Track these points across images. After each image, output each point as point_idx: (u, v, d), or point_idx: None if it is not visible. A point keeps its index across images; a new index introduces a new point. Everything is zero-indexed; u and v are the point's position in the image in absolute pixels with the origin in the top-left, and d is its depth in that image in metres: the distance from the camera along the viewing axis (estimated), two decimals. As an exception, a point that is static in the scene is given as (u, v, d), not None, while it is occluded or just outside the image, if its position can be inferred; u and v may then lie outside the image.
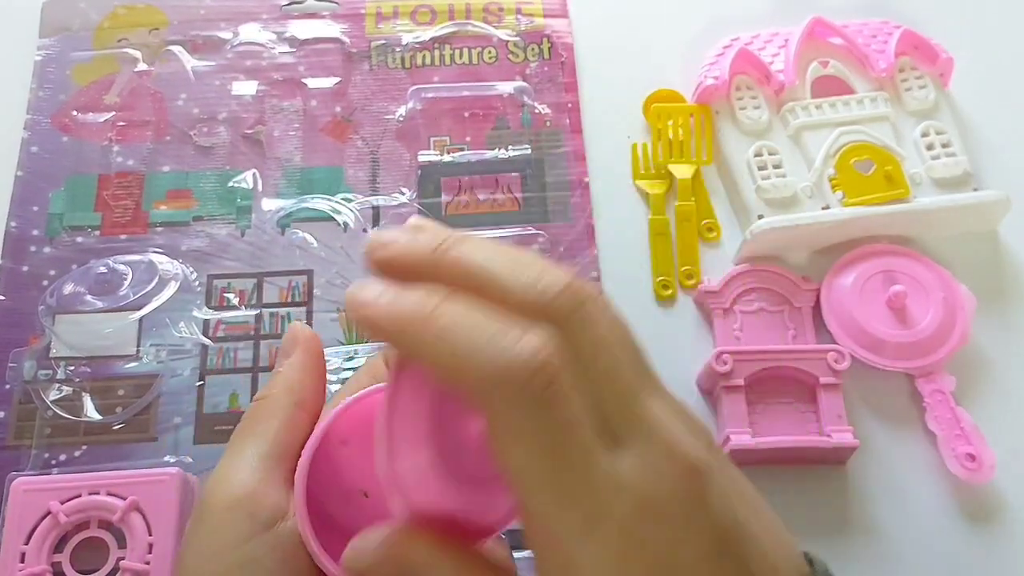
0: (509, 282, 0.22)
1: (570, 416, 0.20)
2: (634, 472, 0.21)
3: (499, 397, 0.20)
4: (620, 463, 0.21)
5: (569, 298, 0.22)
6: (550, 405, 0.20)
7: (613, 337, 0.22)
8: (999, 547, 0.41)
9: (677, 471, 0.21)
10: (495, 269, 0.22)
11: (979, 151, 0.49)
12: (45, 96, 0.51)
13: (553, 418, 0.20)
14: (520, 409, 0.20)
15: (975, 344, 0.45)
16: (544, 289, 0.22)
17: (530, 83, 0.52)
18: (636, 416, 0.22)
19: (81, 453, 0.42)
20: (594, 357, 0.22)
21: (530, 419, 0.20)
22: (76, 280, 0.46)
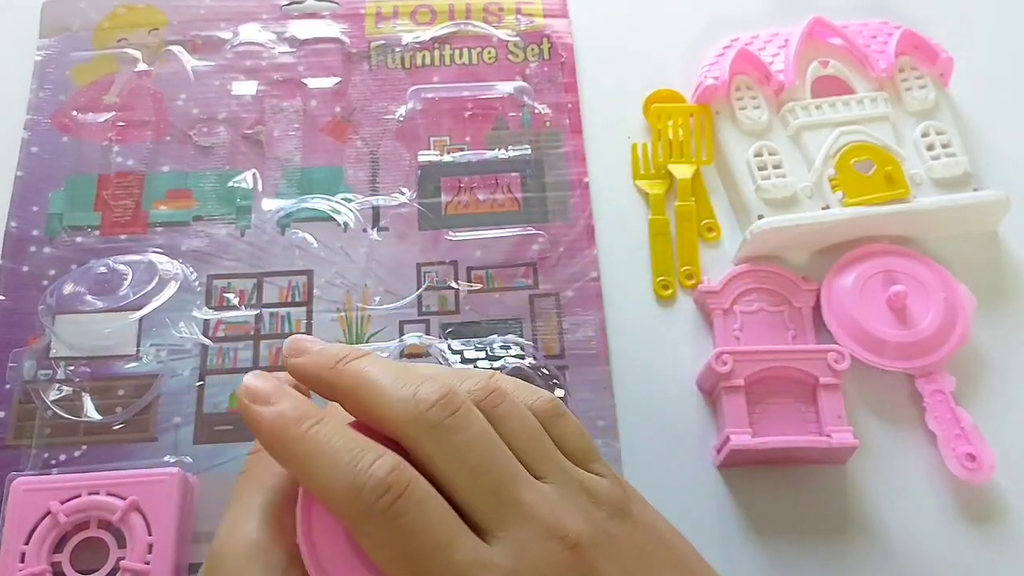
0: (390, 395, 0.26)
1: (420, 522, 0.24)
2: (504, 554, 0.24)
3: (355, 513, 0.24)
4: (491, 550, 0.24)
5: (440, 408, 0.25)
6: (398, 517, 0.23)
7: (484, 438, 0.25)
8: (999, 547, 0.41)
9: (551, 548, 0.24)
10: (381, 383, 0.26)
11: (979, 151, 0.49)
12: (45, 96, 0.51)
13: (403, 527, 0.23)
14: (373, 523, 0.24)
15: (975, 344, 0.45)
16: (418, 402, 0.25)
17: (530, 83, 0.52)
18: (509, 504, 0.25)
19: (81, 453, 0.42)
20: (461, 460, 0.25)
21: (383, 531, 0.24)
22: (76, 280, 0.46)
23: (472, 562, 0.24)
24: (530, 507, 0.25)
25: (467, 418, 0.25)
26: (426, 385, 0.26)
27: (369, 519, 0.24)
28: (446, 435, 0.25)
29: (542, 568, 0.24)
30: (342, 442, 0.25)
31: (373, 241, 0.47)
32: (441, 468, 0.25)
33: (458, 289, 0.46)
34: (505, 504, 0.25)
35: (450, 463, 0.25)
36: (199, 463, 0.42)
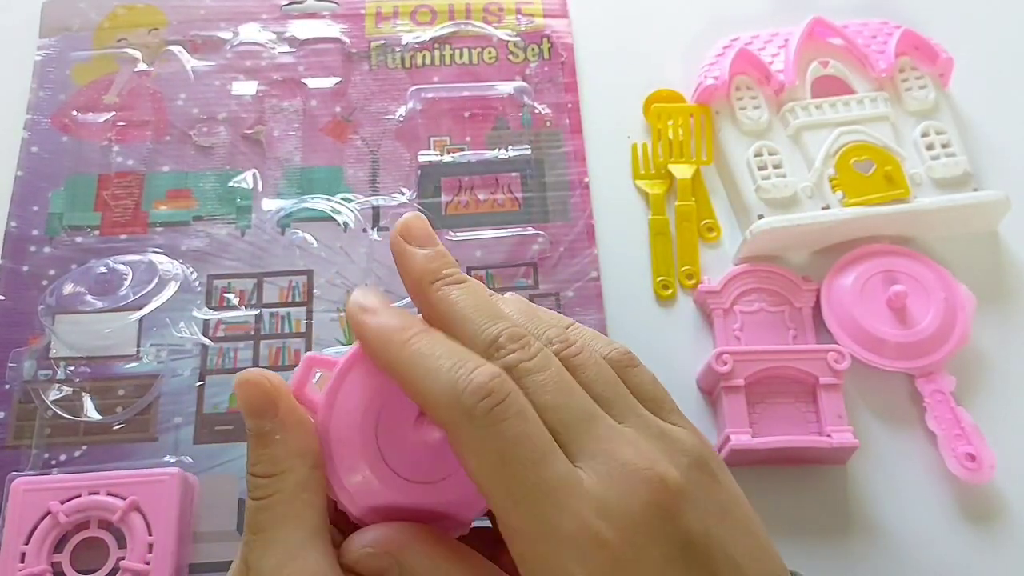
0: (471, 330, 0.26)
1: (518, 432, 0.24)
2: (592, 481, 0.24)
3: (456, 415, 0.24)
4: (581, 474, 0.24)
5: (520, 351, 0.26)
6: (497, 422, 0.24)
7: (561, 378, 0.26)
8: (999, 547, 0.41)
9: (637, 483, 0.24)
10: (465, 315, 0.26)
11: (979, 151, 0.49)
12: (45, 96, 0.51)
13: (500, 433, 0.24)
14: (472, 426, 0.24)
15: (975, 344, 0.45)
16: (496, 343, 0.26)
17: (530, 83, 0.52)
18: (593, 439, 0.25)
19: (81, 453, 0.42)
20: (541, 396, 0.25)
21: (480, 434, 0.24)
22: (76, 280, 0.46)
23: (563, 479, 0.24)
24: (612, 444, 0.25)
25: (544, 360, 0.26)
26: (505, 327, 0.26)
27: (468, 421, 0.24)
28: (524, 374, 0.25)
29: (629, 501, 0.24)
30: (444, 350, 0.25)
31: (373, 241, 0.47)
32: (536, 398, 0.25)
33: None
34: (589, 439, 0.25)
35: (535, 399, 0.25)
36: (199, 463, 0.42)
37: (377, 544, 0.25)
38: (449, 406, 0.24)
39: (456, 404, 0.24)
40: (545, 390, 0.25)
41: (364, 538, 0.25)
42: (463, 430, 0.24)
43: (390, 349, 0.26)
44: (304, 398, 0.27)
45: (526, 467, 0.23)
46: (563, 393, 0.25)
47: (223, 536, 0.40)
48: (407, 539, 0.25)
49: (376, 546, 0.25)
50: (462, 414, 0.24)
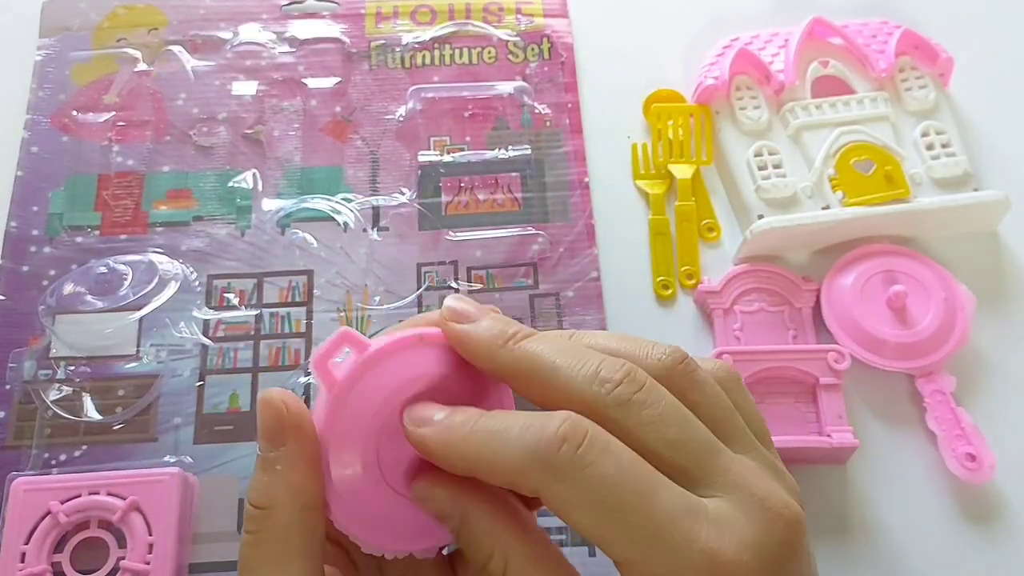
0: (570, 376, 0.24)
1: (612, 469, 0.22)
2: (720, 509, 0.22)
3: (541, 476, 0.22)
4: (704, 501, 0.23)
5: (627, 385, 0.24)
6: (584, 466, 0.22)
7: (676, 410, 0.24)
8: (999, 547, 0.41)
9: (769, 516, 0.23)
10: (557, 363, 0.24)
11: (979, 151, 0.49)
12: (45, 96, 0.51)
13: (593, 476, 0.22)
14: (561, 481, 0.22)
15: (975, 344, 0.45)
16: (602, 381, 0.24)
17: (530, 83, 0.52)
18: (718, 471, 0.23)
19: (81, 453, 0.42)
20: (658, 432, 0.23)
21: (573, 485, 0.22)
22: (76, 280, 0.46)
23: (684, 508, 0.22)
24: (738, 476, 0.23)
25: (655, 392, 0.24)
26: (607, 363, 0.24)
27: (556, 477, 0.22)
28: (636, 410, 0.24)
29: (763, 535, 0.22)
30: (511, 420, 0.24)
31: (373, 241, 0.47)
32: (637, 440, 0.23)
33: (458, 289, 0.46)
34: (714, 471, 0.23)
35: (647, 436, 0.23)
36: (199, 463, 0.42)
37: (443, 492, 0.25)
38: (530, 470, 0.22)
39: (537, 464, 0.22)
40: (667, 422, 0.24)
41: (433, 484, 0.25)
42: (555, 488, 0.22)
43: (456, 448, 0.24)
44: (324, 369, 0.26)
45: (637, 502, 0.22)
46: (682, 425, 0.24)
47: (223, 536, 0.40)
48: (472, 496, 0.25)
49: (447, 490, 0.25)
50: (546, 471, 0.22)
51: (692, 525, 0.22)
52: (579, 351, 0.25)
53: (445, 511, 0.25)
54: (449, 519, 0.25)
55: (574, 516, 0.22)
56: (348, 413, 0.25)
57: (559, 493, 0.22)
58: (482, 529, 0.24)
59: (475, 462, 0.24)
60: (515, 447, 0.23)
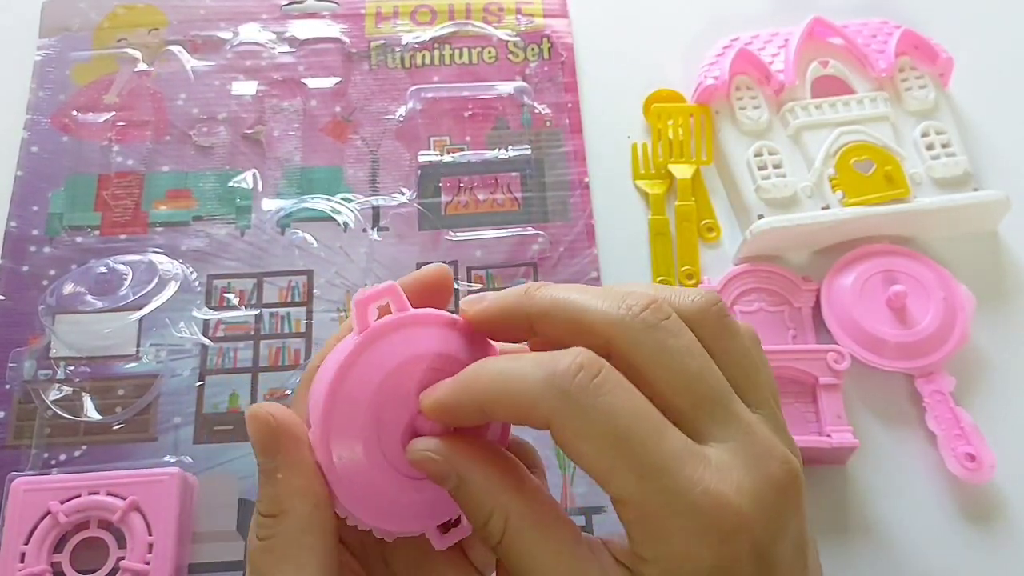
0: (595, 305, 0.24)
1: (626, 403, 0.22)
2: (722, 456, 0.22)
3: (554, 402, 0.22)
4: (705, 448, 0.23)
5: (653, 312, 0.24)
6: (599, 394, 0.22)
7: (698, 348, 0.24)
8: (999, 547, 0.41)
9: (773, 466, 0.23)
10: (580, 298, 0.24)
11: (979, 151, 0.49)
12: (45, 96, 0.51)
13: (608, 406, 0.22)
14: (574, 407, 0.22)
15: (975, 344, 0.45)
16: (628, 307, 0.24)
17: (530, 83, 0.52)
18: (731, 415, 0.23)
19: (81, 453, 0.42)
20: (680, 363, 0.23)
21: (585, 414, 0.22)
22: (76, 280, 0.46)
23: (690, 451, 0.22)
24: (747, 425, 0.23)
25: (680, 325, 0.24)
26: (633, 295, 0.24)
27: (569, 403, 0.22)
28: (662, 336, 0.23)
29: (762, 484, 0.22)
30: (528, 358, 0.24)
31: (373, 241, 0.47)
32: (656, 370, 0.23)
33: (458, 289, 0.46)
34: (726, 414, 0.23)
35: (668, 365, 0.23)
36: (199, 463, 0.42)
37: (440, 452, 0.24)
38: (544, 398, 0.22)
39: (551, 391, 0.22)
40: (691, 354, 0.23)
41: (429, 443, 0.25)
42: (567, 415, 0.22)
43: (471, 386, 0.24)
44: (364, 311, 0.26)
45: (646, 439, 0.22)
46: (704, 364, 0.24)
47: (223, 536, 0.40)
48: (469, 455, 0.24)
49: (439, 454, 0.24)
50: (559, 397, 0.22)
51: (696, 467, 0.22)
52: (604, 290, 0.25)
53: (442, 471, 0.24)
54: (447, 479, 0.24)
55: (581, 447, 0.22)
56: (348, 393, 0.25)
57: (570, 422, 0.22)
58: (479, 486, 0.24)
59: (489, 397, 0.24)
60: (530, 377, 0.23)
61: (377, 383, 0.25)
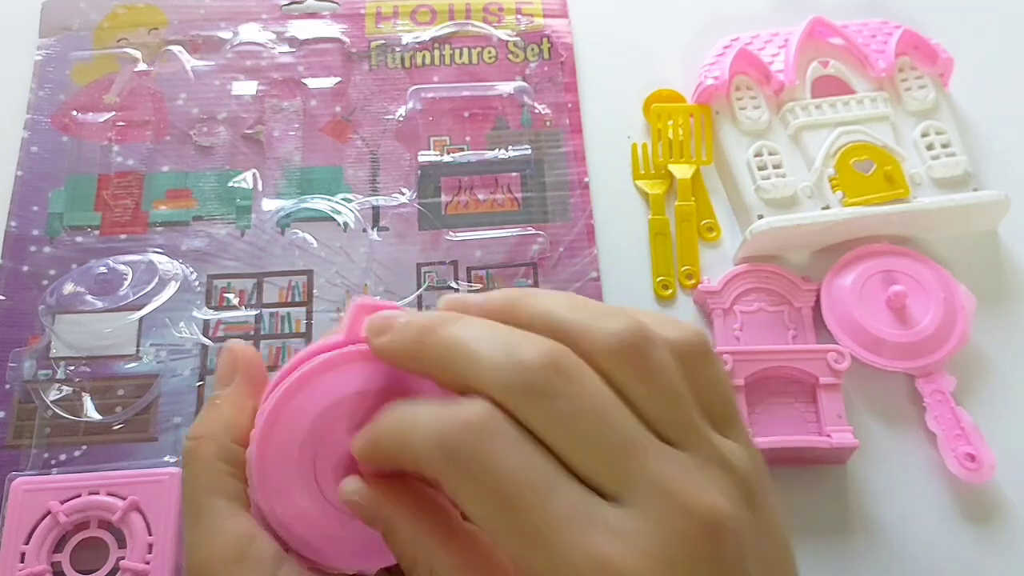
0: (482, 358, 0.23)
1: (514, 462, 0.21)
2: (627, 521, 0.21)
3: (438, 463, 0.22)
4: (611, 510, 0.21)
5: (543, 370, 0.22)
6: (485, 455, 0.21)
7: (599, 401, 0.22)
8: (999, 547, 0.41)
9: (687, 525, 0.21)
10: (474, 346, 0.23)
11: (979, 151, 0.49)
12: (45, 96, 0.51)
13: (493, 466, 0.21)
14: (456, 467, 0.22)
15: (975, 344, 0.45)
16: (517, 365, 0.22)
17: (530, 83, 0.52)
18: (636, 473, 0.21)
19: (81, 453, 0.42)
20: (572, 427, 0.22)
21: (468, 474, 0.21)
22: (76, 280, 0.46)
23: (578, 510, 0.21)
24: (660, 477, 0.21)
25: (578, 381, 0.22)
26: (528, 345, 0.22)
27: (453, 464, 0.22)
28: (548, 401, 0.22)
29: (674, 547, 0.21)
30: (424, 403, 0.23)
31: (373, 241, 0.47)
32: (550, 433, 0.22)
33: (458, 289, 0.46)
34: (631, 473, 0.21)
35: (560, 431, 0.22)
36: (199, 463, 0.42)
37: (364, 497, 0.24)
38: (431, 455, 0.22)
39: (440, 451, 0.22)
40: (580, 417, 0.22)
41: (355, 485, 0.24)
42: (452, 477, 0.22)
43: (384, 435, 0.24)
44: (359, 316, 0.26)
45: (532, 502, 0.21)
46: (603, 421, 0.22)
47: (223, 536, 0.40)
48: (395, 501, 0.24)
49: (363, 498, 0.24)
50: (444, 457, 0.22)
51: (586, 530, 0.21)
52: (504, 333, 0.23)
53: (368, 515, 0.24)
54: (374, 522, 0.24)
55: (469, 507, 0.22)
56: (278, 455, 0.25)
57: (455, 483, 0.22)
58: (404, 533, 0.24)
59: (390, 449, 0.23)
60: (423, 431, 0.22)
61: (308, 424, 0.25)
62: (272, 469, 0.25)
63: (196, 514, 0.26)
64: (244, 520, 0.26)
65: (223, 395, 0.29)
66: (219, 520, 0.26)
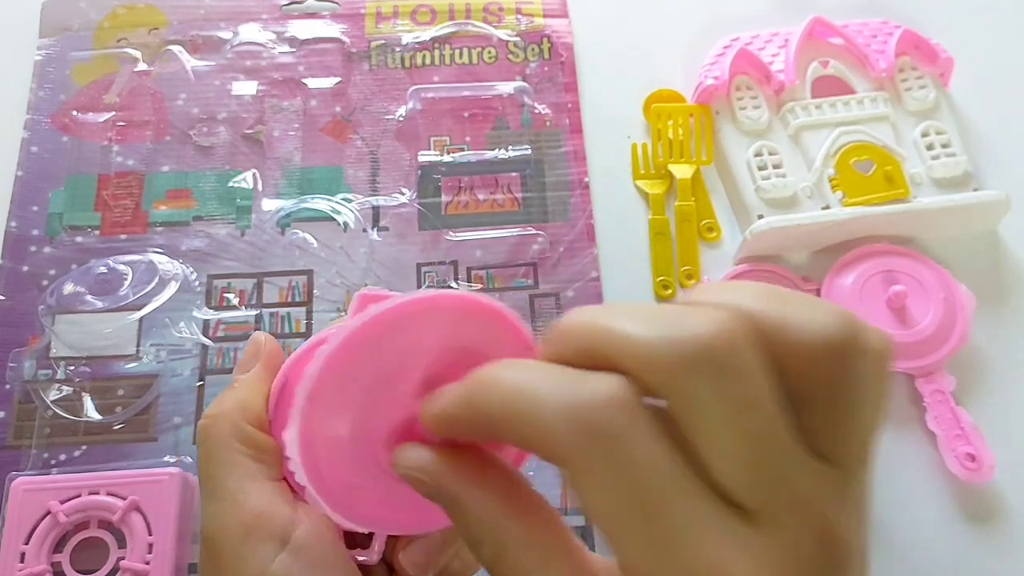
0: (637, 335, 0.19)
1: (655, 456, 0.18)
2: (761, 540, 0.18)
3: (573, 438, 0.18)
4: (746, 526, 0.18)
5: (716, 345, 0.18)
6: (627, 439, 0.18)
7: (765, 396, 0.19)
8: (999, 547, 0.41)
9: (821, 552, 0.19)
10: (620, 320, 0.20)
11: (979, 151, 0.49)
12: (45, 96, 0.51)
13: (634, 455, 0.18)
14: (595, 448, 0.18)
15: (975, 344, 0.45)
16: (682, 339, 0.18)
17: (530, 83, 0.52)
18: (781, 484, 0.19)
19: (81, 453, 0.42)
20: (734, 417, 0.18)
21: (607, 458, 0.18)
22: (76, 280, 0.46)
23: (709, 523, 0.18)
24: (805, 494, 0.19)
25: (750, 364, 0.18)
26: (695, 318, 0.19)
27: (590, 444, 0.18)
28: (719, 381, 0.18)
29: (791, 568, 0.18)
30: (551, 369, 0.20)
31: (373, 241, 0.47)
32: (701, 423, 0.18)
33: (458, 289, 0.46)
34: (775, 482, 0.18)
35: (717, 417, 0.18)
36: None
37: (429, 472, 0.22)
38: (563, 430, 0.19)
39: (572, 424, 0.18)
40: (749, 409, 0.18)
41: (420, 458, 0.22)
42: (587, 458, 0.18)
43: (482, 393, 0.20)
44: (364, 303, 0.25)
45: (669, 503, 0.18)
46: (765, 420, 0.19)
47: (223, 536, 0.40)
48: (465, 478, 0.21)
49: (428, 474, 0.22)
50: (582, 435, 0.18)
51: (717, 544, 0.18)
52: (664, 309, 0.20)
53: (431, 491, 0.22)
54: (436, 498, 0.22)
55: (596, 497, 0.19)
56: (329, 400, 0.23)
57: (585, 465, 0.18)
58: (473, 514, 0.21)
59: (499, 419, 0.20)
60: (550, 402, 0.19)
61: (376, 370, 0.22)
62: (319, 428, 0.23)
63: (211, 488, 0.28)
64: (256, 497, 0.27)
65: (241, 379, 0.30)
66: (231, 495, 0.27)
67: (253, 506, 0.27)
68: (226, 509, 0.27)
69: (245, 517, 0.27)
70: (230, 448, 0.28)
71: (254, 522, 0.27)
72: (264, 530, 0.26)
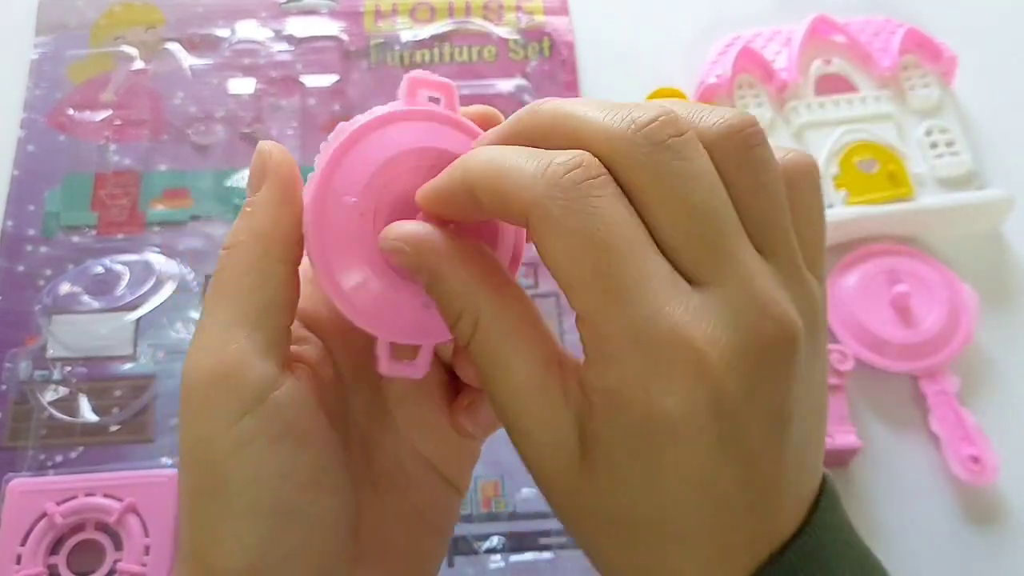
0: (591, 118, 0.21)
1: (614, 213, 0.20)
2: (707, 304, 0.20)
3: (537, 195, 0.20)
4: (695, 291, 0.20)
5: (661, 126, 0.21)
6: (587, 195, 0.20)
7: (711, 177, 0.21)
8: (1002, 549, 0.41)
9: (766, 325, 0.20)
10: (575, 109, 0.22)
11: (983, 150, 0.49)
12: (41, 94, 0.50)
13: (592, 210, 0.20)
14: (556, 203, 0.20)
15: (979, 345, 0.44)
16: (632, 120, 0.21)
17: (530, 81, 0.52)
18: (728, 258, 0.20)
19: (77, 454, 0.42)
20: (683, 190, 0.20)
21: (566, 210, 0.20)
22: (72, 280, 0.45)
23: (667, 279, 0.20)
24: (748, 275, 0.20)
25: (694, 146, 0.21)
26: (641, 110, 0.21)
27: (551, 198, 0.20)
28: (667, 156, 0.20)
29: (742, 339, 0.20)
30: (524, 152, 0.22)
31: (372, 240, 0.47)
32: (653, 194, 0.20)
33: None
34: (721, 261, 0.20)
35: (668, 191, 0.20)
36: (196, 465, 0.42)
37: (409, 242, 0.23)
38: (530, 184, 0.20)
39: (539, 180, 0.20)
40: (694, 185, 0.20)
41: (401, 230, 0.23)
42: (548, 207, 0.20)
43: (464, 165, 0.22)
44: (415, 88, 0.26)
45: (624, 255, 0.20)
46: (710, 195, 0.21)
47: (220, 538, 0.40)
48: (443, 248, 0.22)
49: (408, 243, 0.22)
50: (546, 187, 0.20)
51: (670, 301, 0.20)
52: (615, 103, 0.22)
53: (411, 262, 0.23)
54: (417, 272, 0.23)
55: (555, 244, 0.20)
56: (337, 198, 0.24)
57: (549, 215, 0.20)
58: (450, 284, 0.22)
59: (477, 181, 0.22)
60: (523, 166, 0.21)
61: (368, 175, 0.24)
62: (329, 227, 0.23)
63: (200, 327, 0.25)
64: (244, 342, 0.24)
65: (253, 201, 0.26)
66: (216, 335, 0.24)
67: (236, 351, 0.24)
68: (205, 350, 0.24)
69: (222, 360, 0.24)
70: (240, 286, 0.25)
71: (227, 371, 0.24)
72: (241, 377, 0.23)
